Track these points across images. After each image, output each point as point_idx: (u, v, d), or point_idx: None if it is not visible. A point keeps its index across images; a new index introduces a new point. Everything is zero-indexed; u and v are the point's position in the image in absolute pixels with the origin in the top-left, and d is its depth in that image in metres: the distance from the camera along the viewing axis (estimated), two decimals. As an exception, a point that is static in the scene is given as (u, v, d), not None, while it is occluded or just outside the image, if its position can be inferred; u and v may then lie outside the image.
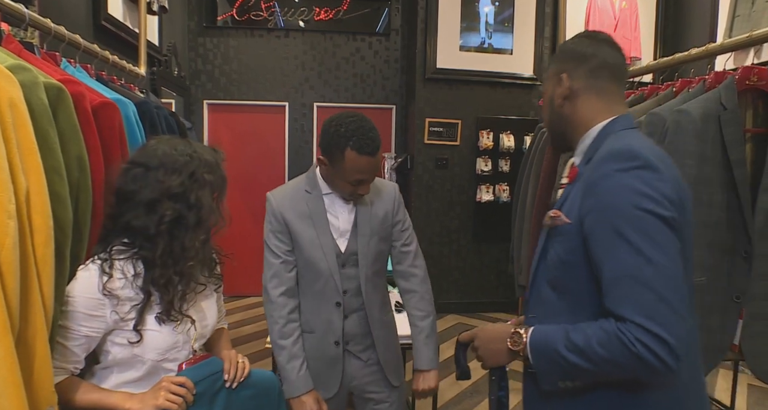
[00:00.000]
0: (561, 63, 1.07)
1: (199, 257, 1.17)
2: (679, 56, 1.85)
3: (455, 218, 4.80)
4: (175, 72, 4.44)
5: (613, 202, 0.88)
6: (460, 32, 4.61)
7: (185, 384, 1.13)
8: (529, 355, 0.96)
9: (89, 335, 1.11)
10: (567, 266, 0.98)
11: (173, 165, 1.14)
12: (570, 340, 0.89)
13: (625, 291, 0.85)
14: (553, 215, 1.00)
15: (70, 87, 1.23)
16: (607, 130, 1.00)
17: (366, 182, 1.48)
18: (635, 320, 0.82)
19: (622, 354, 0.83)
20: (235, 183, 5.14)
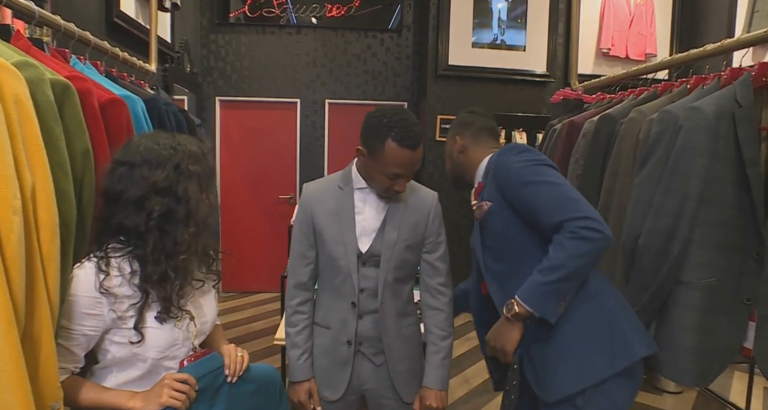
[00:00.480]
0: (453, 130, 1.63)
1: (192, 250, 1.16)
2: (694, 52, 1.81)
3: (465, 216, 4.77)
4: (188, 69, 4.46)
5: (512, 170, 1.38)
6: (473, 28, 4.57)
7: (188, 381, 1.13)
8: (525, 305, 1.31)
9: (87, 334, 1.11)
10: (503, 237, 1.43)
11: (157, 159, 1.13)
12: (540, 270, 1.29)
13: (555, 207, 1.30)
14: (477, 206, 1.49)
15: (77, 83, 1.24)
16: (490, 160, 1.49)
17: (403, 178, 1.45)
18: (566, 217, 1.27)
19: (574, 246, 1.25)
20: (246, 180, 5.17)
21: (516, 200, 1.37)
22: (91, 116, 1.29)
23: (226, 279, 5.23)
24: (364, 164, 1.50)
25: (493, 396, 3.18)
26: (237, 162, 5.17)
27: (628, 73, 2.29)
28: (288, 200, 5.12)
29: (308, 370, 1.57)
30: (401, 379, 1.59)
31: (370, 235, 1.54)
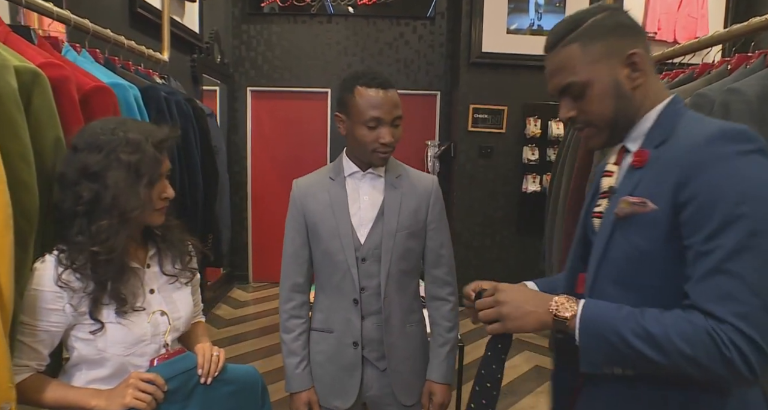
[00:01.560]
0: (619, 38, 0.90)
1: (113, 242, 1.07)
2: (756, 21, 1.50)
3: (499, 208, 4.60)
4: (218, 59, 4.46)
5: (726, 191, 0.78)
6: (508, 14, 4.36)
7: (155, 381, 1.07)
8: (577, 329, 0.86)
9: (50, 330, 1.07)
10: (643, 258, 0.87)
11: (94, 143, 1.08)
12: (641, 326, 0.81)
13: (727, 289, 0.77)
14: (634, 201, 0.88)
15: (51, 71, 1.19)
16: (670, 109, 0.91)
17: (385, 125, 1.35)
18: (733, 322, 0.76)
19: (707, 354, 0.77)
20: (276, 170, 5.16)
21: (689, 224, 0.82)
22: (67, 104, 1.24)
23: (256, 269, 5.27)
24: (346, 130, 1.42)
25: (518, 399, 3.04)
26: (268, 153, 5.16)
27: (673, 51, 2.01)
28: (318, 192, 5.07)
29: (307, 379, 1.49)
30: (401, 381, 1.50)
31: (367, 225, 1.44)
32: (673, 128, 0.88)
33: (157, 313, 1.17)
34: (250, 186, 5.16)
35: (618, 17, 0.91)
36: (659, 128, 0.90)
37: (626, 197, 0.89)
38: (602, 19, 0.91)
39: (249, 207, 5.18)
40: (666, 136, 0.88)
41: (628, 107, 0.92)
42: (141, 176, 1.09)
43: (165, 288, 1.23)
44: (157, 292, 1.20)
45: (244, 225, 5.18)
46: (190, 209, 1.94)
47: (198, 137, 2.00)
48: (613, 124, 0.94)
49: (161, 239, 1.23)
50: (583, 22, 0.91)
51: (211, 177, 2.08)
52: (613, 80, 0.90)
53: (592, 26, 0.91)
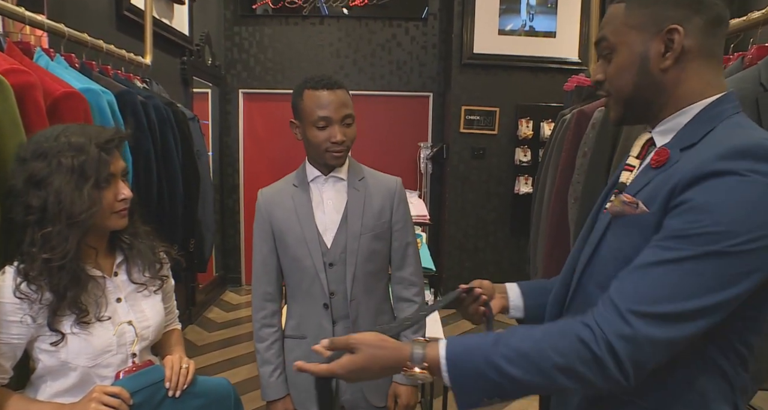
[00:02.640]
0: (665, 8, 0.78)
1: (59, 250, 1.04)
2: (736, 22, 1.50)
3: (492, 210, 4.58)
4: (209, 62, 4.45)
5: (721, 212, 0.69)
6: (499, 15, 4.35)
7: (120, 395, 1.05)
8: (446, 375, 0.78)
9: (11, 342, 1.06)
10: (625, 260, 0.78)
11: (38, 151, 1.06)
12: (514, 348, 0.76)
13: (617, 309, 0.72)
14: (627, 200, 0.80)
15: (15, 77, 1.18)
16: (715, 110, 0.79)
17: (333, 123, 1.37)
18: (606, 327, 0.72)
19: (581, 360, 0.73)
20: (269, 173, 5.14)
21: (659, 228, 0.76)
22: (33, 111, 1.23)
23: (249, 272, 5.23)
24: (301, 135, 1.45)
25: (509, 401, 3.02)
26: (261, 155, 5.15)
27: None
28: (311, 194, 5.05)
29: (282, 387, 1.50)
30: (371, 384, 1.49)
31: (332, 229, 1.46)
32: (710, 131, 0.77)
33: (124, 323, 1.15)
34: (242, 189, 5.15)
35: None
36: (695, 127, 0.79)
37: (621, 195, 0.82)
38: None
39: (242, 210, 5.17)
40: (696, 139, 0.78)
41: (650, 88, 0.82)
42: (86, 179, 1.06)
43: (133, 297, 1.21)
44: (124, 301, 1.18)
45: (236, 228, 5.16)
46: (170, 214, 1.92)
47: (178, 141, 1.99)
48: (629, 100, 0.85)
49: (128, 246, 1.21)
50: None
51: (192, 182, 2.07)
52: (641, 53, 0.81)
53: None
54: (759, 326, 0.78)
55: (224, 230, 5.08)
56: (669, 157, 0.79)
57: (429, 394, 2.83)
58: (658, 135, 0.85)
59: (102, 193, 1.10)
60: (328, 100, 1.37)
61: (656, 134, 0.85)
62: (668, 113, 0.83)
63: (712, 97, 0.80)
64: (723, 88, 0.81)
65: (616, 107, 0.88)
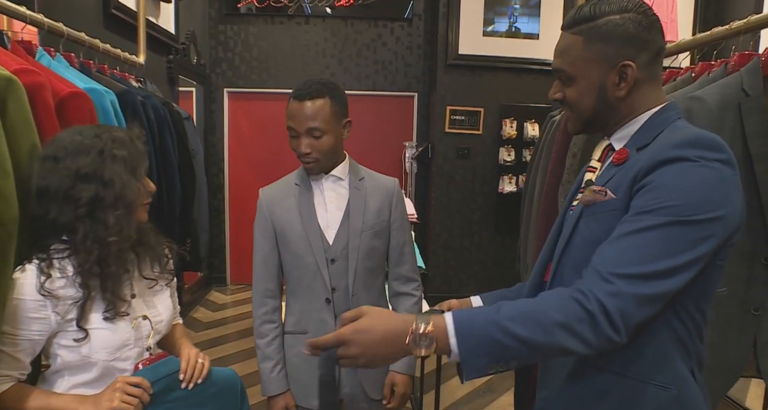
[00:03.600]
0: (619, 48, 0.92)
1: (123, 233, 1.11)
2: (718, 31, 1.60)
3: (477, 209, 4.66)
4: (194, 60, 4.43)
5: (678, 190, 0.82)
6: (484, 16, 4.42)
7: (141, 385, 1.10)
8: (454, 340, 0.81)
9: (32, 338, 1.07)
10: (597, 244, 0.89)
11: (79, 148, 1.10)
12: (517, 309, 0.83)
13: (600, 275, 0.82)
14: (596, 189, 0.93)
15: (26, 77, 1.19)
16: (660, 117, 0.95)
17: (299, 137, 1.42)
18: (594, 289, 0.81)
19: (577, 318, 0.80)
20: (254, 172, 5.14)
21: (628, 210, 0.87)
22: (43, 111, 1.24)
23: (234, 271, 5.24)
24: None
25: (496, 396, 3.09)
26: (246, 154, 5.14)
27: None
28: (297, 193, 5.05)
29: (283, 383, 1.53)
30: (369, 376, 1.55)
31: (334, 226, 1.51)
32: (660, 133, 0.92)
33: (140, 318, 1.19)
34: (227, 188, 5.13)
35: (629, 26, 0.91)
36: (645, 132, 0.94)
37: (591, 187, 0.95)
38: (615, 22, 0.92)
39: (227, 209, 5.15)
40: (649, 140, 0.92)
41: (607, 110, 0.96)
42: (135, 169, 1.14)
43: (145, 292, 1.25)
44: (138, 296, 1.22)
45: (221, 227, 5.14)
46: (168, 214, 1.93)
47: (175, 141, 2.00)
48: (589, 119, 0.99)
49: (138, 242, 1.24)
50: (598, 18, 0.93)
51: (189, 181, 2.08)
52: (598, 83, 0.94)
53: (602, 26, 0.92)
54: (709, 293, 0.91)
55: (210, 229, 5.05)
56: (628, 156, 0.94)
57: (419, 390, 2.88)
58: (615, 142, 0.99)
59: (142, 183, 1.16)
60: (294, 111, 1.40)
61: (614, 141, 0.99)
62: (621, 124, 0.98)
63: (656, 108, 0.96)
64: (663, 99, 0.97)
65: (576, 123, 1.03)
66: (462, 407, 2.99)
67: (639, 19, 0.91)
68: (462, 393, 3.13)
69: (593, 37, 0.93)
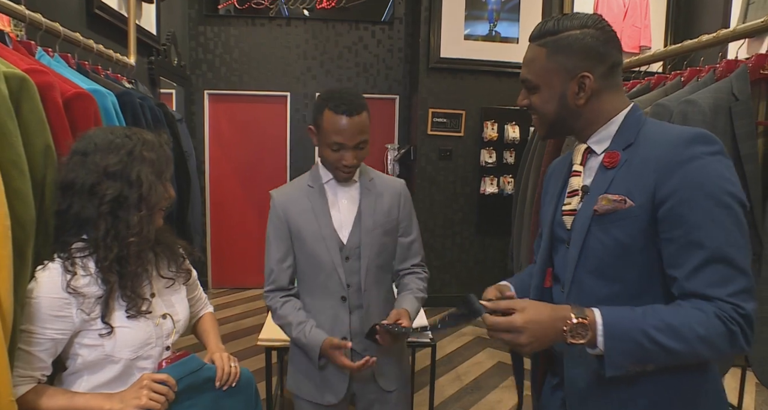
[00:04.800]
0: (578, 60, 1.00)
1: (144, 234, 1.12)
2: (689, 43, 1.74)
3: (458, 210, 4.72)
4: (175, 62, 4.37)
5: (705, 185, 0.89)
6: (465, 21, 4.50)
7: (167, 382, 1.10)
8: (601, 339, 0.89)
9: (55, 337, 1.07)
10: (626, 251, 0.96)
11: (110, 146, 1.11)
12: (661, 320, 0.88)
13: (724, 274, 0.88)
14: (614, 198, 0.97)
15: (36, 77, 1.17)
16: (633, 116, 1.02)
17: (347, 149, 1.44)
18: (733, 301, 0.87)
19: (718, 333, 0.87)
20: (235, 175, 5.10)
21: (668, 220, 0.91)
22: (53, 111, 1.22)
23: (216, 275, 5.18)
24: (317, 144, 1.51)
25: (484, 394, 3.14)
26: (226, 157, 5.09)
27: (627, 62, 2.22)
28: (279, 195, 5.02)
29: (321, 332, 1.49)
30: (382, 369, 1.57)
31: (348, 226, 1.55)
32: (638, 132, 0.99)
33: (161, 316, 1.20)
34: (208, 191, 5.07)
35: (588, 40, 0.99)
36: (625, 132, 1.01)
37: (606, 195, 0.98)
38: (575, 37, 0.99)
39: (207, 212, 5.09)
40: (632, 138, 0.99)
41: (569, 116, 1.04)
42: (162, 173, 1.15)
43: (164, 292, 1.25)
44: (157, 295, 1.23)
45: (202, 230, 5.08)
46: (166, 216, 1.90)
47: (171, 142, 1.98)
48: (552, 124, 1.06)
49: (156, 242, 1.25)
50: (561, 32, 1.00)
51: (184, 183, 2.06)
52: (560, 92, 1.02)
53: (563, 39, 1.00)
54: None
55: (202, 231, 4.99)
56: (620, 157, 0.99)
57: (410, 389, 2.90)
58: (594, 144, 1.05)
59: (166, 187, 1.17)
60: (345, 127, 1.41)
61: (593, 144, 1.05)
62: (595, 128, 1.04)
63: (626, 110, 1.03)
64: (627, 103, 1.05)
65: (543, 127, 1.10)
66: (451, 405, 3.02)
67: (597, 34, 0.99)
68: (451, 391, 3.17)
69: (556, 50, 1.00)
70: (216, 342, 1.36)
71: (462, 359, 3.64)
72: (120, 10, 3.21)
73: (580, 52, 0.99)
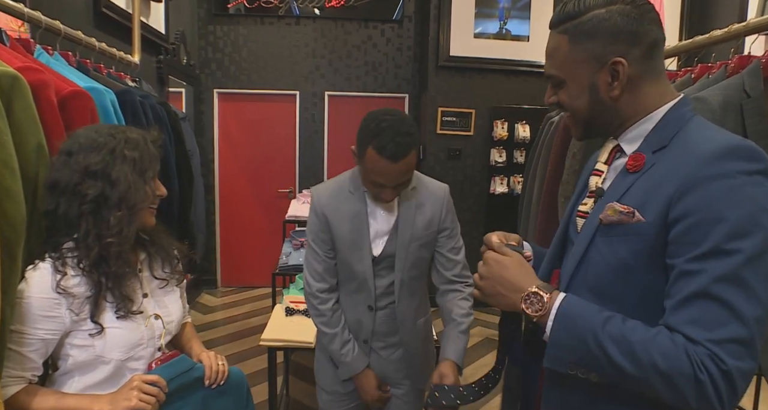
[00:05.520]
0: (607, 44, 0.85)
1: (124, 235, 1.10)
2: (700, 39, 1.68)
3: (467, 210, 4.68)
4: (184, 61, 4.38)
5: (731, 210, 0.73)
6: (475, 18, 4.45)
7: (158, 383, 1.09)
8: (550, 325, 0.81)
9: (45, 338, 1.06)
10: (627, 270, 0.83)
11: (92, 145, 1.10)
12: (621, 332, 0.76)
13: (711, 314, 0.73)
14: (622, 209, 0.83)
15: (30, 75, 1.16)
16: (675, 113, 0.86)
17: (386, 188, 1.38)
18: (712, 348, 0.72)
19: (681, 374, 0.72)
20: (244, 173, 5.10)
21: (679, 244, 0.77)
22: (47, 110, 1.21)
23: (225, 274, 5.19)
24: (357, 165, 1.45)
25: (491, 396, 3.10)
26: (235, 156, 5.10)
27: None
28: (287, 194, 5.03)
29: (364, 356, 1.55)
30: (416, 367, 1.60)
31: (383, 238, 1.50)
32: (677, 133, 0.84)
33: (152, 317, 1.19)
34: (217, 190, 5.08)
35: (617, 19, 0.84)
36: (661, 131, 0.86)
37: (614, 204, 0.85)
38: (601, 17, 0.85)
39: (217, 211, 5.10)
40: (666, 141, 0.84)
41: (604, 112, 0.89)
42: (143, 171, 1.13)
43: (157, 292, 1.25)
44: (150, 296, 1.22)
45: (212, 229, 5.09)
46: (166, 215, 1.90)
47: (173, 141, 1.97)
48: (587, 121, 0.92)
49: (150, 243, 1.25)
50: (583, 14, 0.86)
51: (186, 181, 2.05)
52: (590, 84, 0.88)
53: (587, 22, 0.86)
54: None
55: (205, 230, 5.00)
56: (645, 161, 0.84)
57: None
58: (625, 143, 0.90)
59: (150, 186, 1.15)
60: (388, 171, 1.32)
61: (623, 142, 0.91)
62: (630, 124, 0.89)
63: (670, 103, 0.87)
64: (674, 94, 0.89)
65: (577, 127, 0.95)
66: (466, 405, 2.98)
67: (627, 10, 0.84)
68: (457, 393, 3.13)
69: (579, 36, 0.86)
70: (200, 345, 1.36)
71: (469, 360, 3.60)
72: (127, 9, 3.21)
73: (609, 35, 0.84)
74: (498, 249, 0.94)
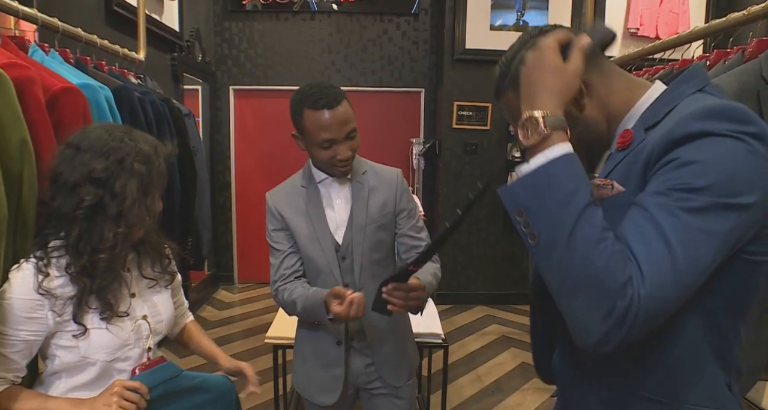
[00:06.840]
0: None
1: (117, 251, 1.07)
2: (716, 23, 1.54)
3: (484, 206, 4.59)
4: (199, 58, 4.40)
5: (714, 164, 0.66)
6: (491, 10, 4.35)
7: (139, 390, 1.07)
8: (536, 162, 0.73)
9: (28, 339, 1.04)
10: None
11: (102, 149, 1.05)
12: (593, 210, 0.68)
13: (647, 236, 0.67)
14: (600, 183, 0.78)
15: (15, 71, 1.15)
16: (672, 93, 0.80)
17: (338, 143, 1.36)
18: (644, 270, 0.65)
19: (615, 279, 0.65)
20: (260, 170, 5.11)
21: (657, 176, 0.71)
22: (33, 106, 1.20)
23: (242, 270, 5.22)
24: (305, 147, 1.44)
25: (504, 396, 3.04)
26: (252, 152, 5.11)
27: (653, 47, 2.04)
28: (303, 191, 5.02)
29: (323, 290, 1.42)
30: (387, 362, 1.53)
31: (343, 226, 1.49)
32: (672, 110, 0.77)
33: (139, 318, 1.17)
34: (234, 186, 5.11)
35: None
36: (656, 108, 0.80)
37: (594, 180, 0.80)
38: (518, 61, 0.84)
39: (233, 207, 5.13)
40: (660, 116, 0.78)
41: (584, 127, 0.84)
42: (149, 189, 1.09)
43: (145, 292, 1.22)
44: (138, 296, 1.19)
45: (228, 226, 5.12)
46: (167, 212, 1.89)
47: (175, 138, 1.96)
48: (586, 143, 0.85)
49: (139, 242, 1.22)
50: (509, 67, 0.86)
51: (189, 179, 2.05)
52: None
53: (516, 70, 0.83)
54: (751, 295, 0.77)
55: (216, 228, 5.03)
56: (633, 137, 0.79)
57: (426, 390, 2.84)
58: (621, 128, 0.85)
59: (153, 205, 1.13)
60: (330, 121, 1.33)
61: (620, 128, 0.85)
62: (614, 126, 0.84)
63: (647, 94, 0.82)
64: (646, 84, 0.84)
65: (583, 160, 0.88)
66: (470, 407, 2.93)
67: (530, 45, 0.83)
68: (470, 392, 3.08)
69: (517, 83, 0.82)
70: (215, 347, 1.39)
71: (484, 359, 3.54)
72: (137, 6, 3.23)
73: None
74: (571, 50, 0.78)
